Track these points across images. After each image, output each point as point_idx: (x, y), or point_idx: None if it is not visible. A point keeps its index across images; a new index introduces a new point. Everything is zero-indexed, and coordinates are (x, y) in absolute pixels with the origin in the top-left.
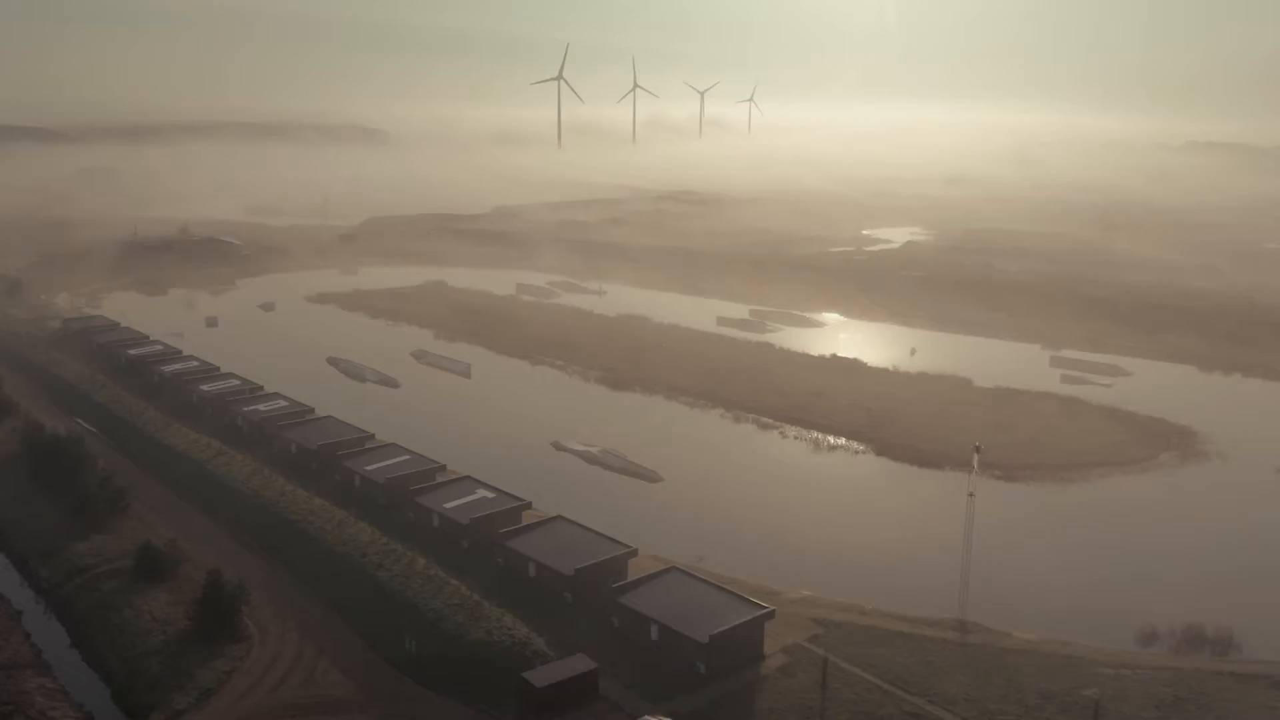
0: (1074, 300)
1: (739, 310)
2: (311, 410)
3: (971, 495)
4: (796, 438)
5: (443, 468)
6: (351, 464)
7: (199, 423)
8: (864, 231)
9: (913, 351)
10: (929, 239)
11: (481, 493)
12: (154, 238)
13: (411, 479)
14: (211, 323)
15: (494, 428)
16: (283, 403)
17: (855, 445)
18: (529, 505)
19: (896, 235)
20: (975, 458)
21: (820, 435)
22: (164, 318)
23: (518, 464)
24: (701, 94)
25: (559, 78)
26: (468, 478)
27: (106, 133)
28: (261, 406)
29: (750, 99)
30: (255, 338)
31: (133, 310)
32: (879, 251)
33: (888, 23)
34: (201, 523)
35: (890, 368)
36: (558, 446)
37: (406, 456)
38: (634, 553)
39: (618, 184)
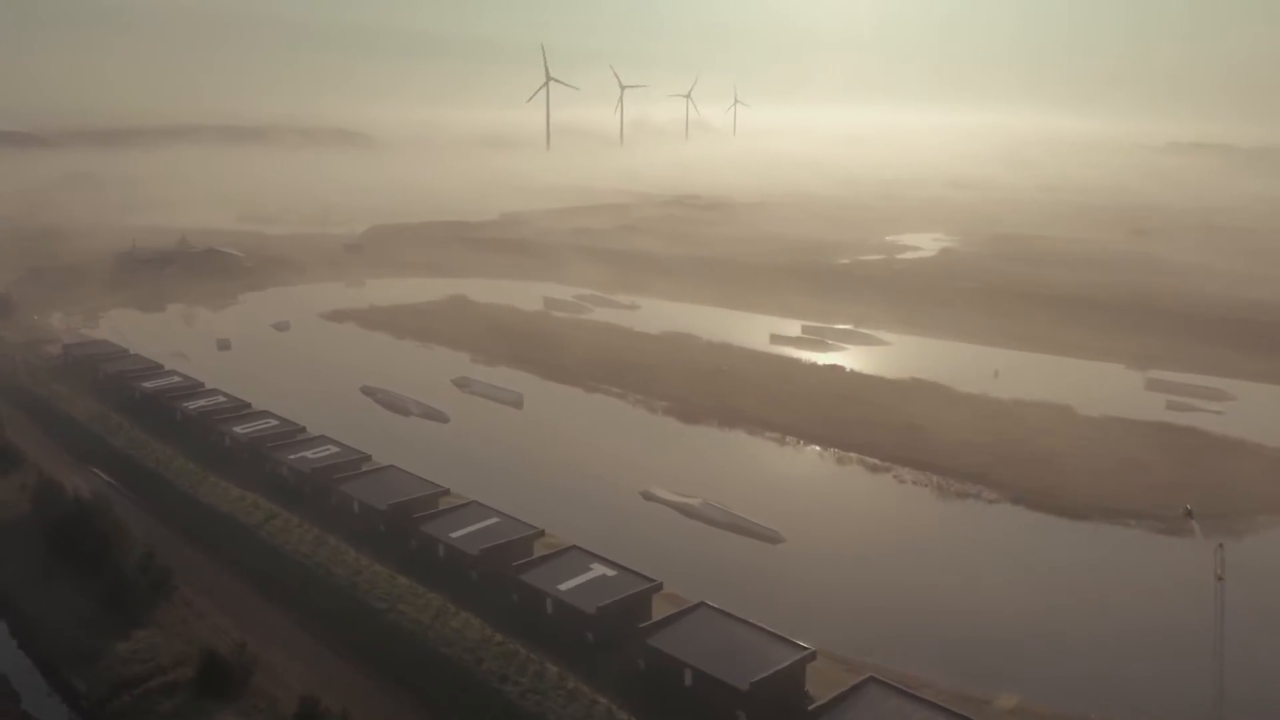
0: (1144, 313)
1: (789, 326)
2: (368, 458)
3: (1220, 579)
4: (915, 483)
5: (540, 533)
6: (431, 529)
7: (235, 473)
8: (888, 238)
9: (996, 374)
10: (957, 245)
11: (598, 568)
12: (152, 250)
13: (508, 549)
14: (224, 345)
15: (566, 471)
16: (332, 448)
17: (985, 492)
18: (659, 587)
19: (922, 241)
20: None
21: (940, 479)
22: (168, 339)
23: (606, 518)
24: (688, 98)
25: (548, 80)
26: (574, 547)
27: (86, 137)
28: (309, 454)
29: (735, 102)
30: (275, 363)
31: (134, 331)
32: (916, 260)
33: (861, 26)
34: (263, 611)
35: (979, 394)
36: (647, 496)
37: (496, 519)
38: (812, 656)
39: (617, 188)
